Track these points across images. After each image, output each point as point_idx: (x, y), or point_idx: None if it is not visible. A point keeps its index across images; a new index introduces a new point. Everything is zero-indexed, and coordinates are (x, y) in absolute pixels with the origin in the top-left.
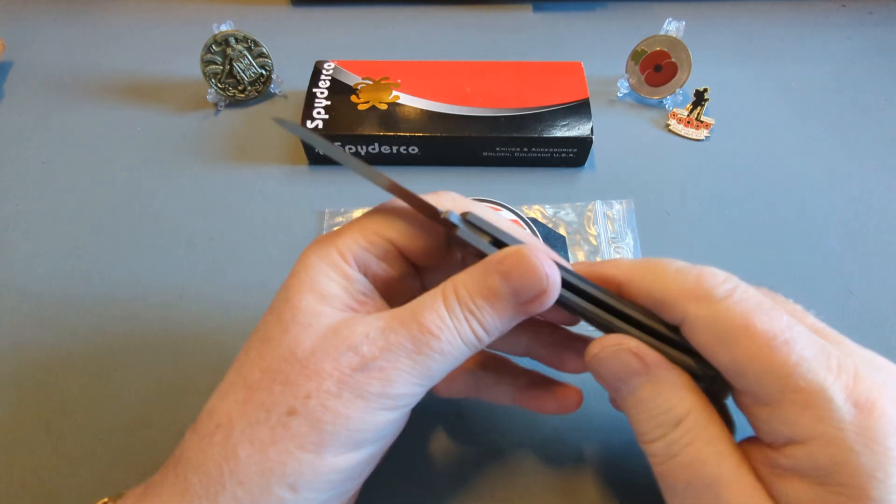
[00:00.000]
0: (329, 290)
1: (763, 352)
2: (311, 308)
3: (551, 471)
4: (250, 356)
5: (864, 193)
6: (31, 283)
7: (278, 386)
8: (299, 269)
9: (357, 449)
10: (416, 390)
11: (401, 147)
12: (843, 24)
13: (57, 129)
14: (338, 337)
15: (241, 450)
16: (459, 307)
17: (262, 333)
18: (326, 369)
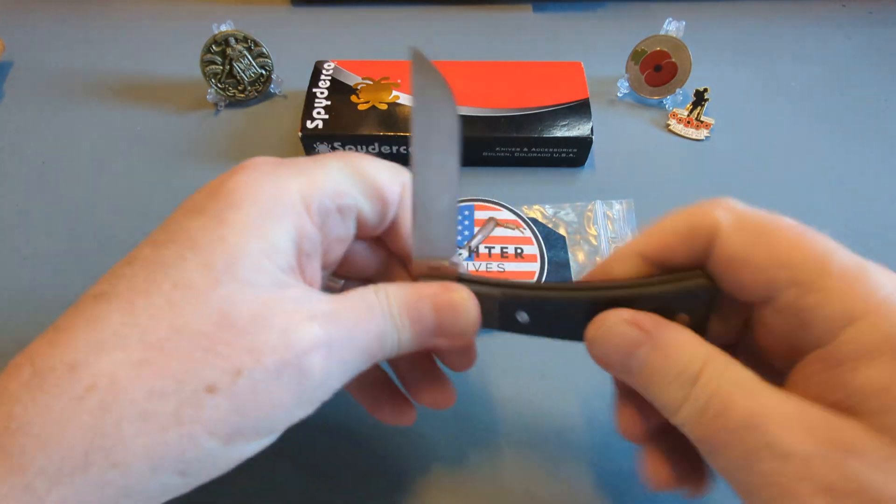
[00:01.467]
0: (278, 243)
1: (802, 240)
2: (254, 259)
3: (551, 472)
4: (154, 301)
5: (864, 193)
6: (30, 284)
7: (199, 353)
8: (243, 200)
9: (266, 437)
10: (339, 384)
11: (401, 147)
12: (844, 24)
13: (57, 129)
14: (280, 307)
15: (126, 425)
16: (393, 317)
17: (173, 274)
18: (271, 342)
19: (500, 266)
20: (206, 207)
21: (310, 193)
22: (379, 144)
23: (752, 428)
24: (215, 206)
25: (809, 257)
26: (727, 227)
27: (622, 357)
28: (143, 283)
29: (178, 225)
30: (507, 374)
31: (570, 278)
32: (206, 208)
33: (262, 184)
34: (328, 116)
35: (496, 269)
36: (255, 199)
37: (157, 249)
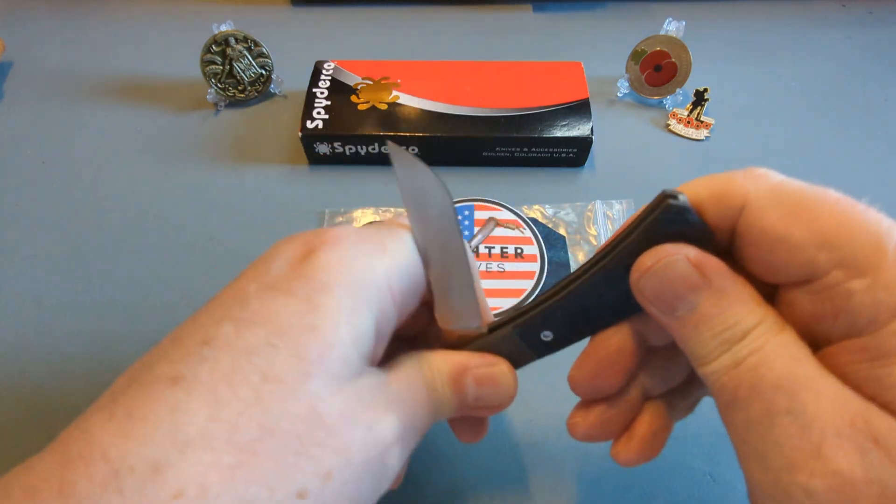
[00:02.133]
0: (363, 331)
1: (852, 216)
2: (346, 353)
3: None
4: (241, 395)
5: (864, 193)
6: (30, 284)
7: (291, 456)
8: (335, 282)
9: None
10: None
11: (401, 147)
12: (844, 24)
13: (57, 129)
14: (368, 400)
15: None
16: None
17: (262, 365)
18: (358, 440)
19: (500, 266)
20: (294, 288)
21: (395, 275)
22: (379, 144)
23: (782, 389)
24: (304, 286)
25: (860, 237)
26: (759, 199)
27: (673, 298)
28: (228, 372)
29: (261, 304)
30: None
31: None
32: (294, 289)
33: (352, 264)
34: (328, 116)
35: (496, 269)
36: (346, 283)
37: (239, 330)
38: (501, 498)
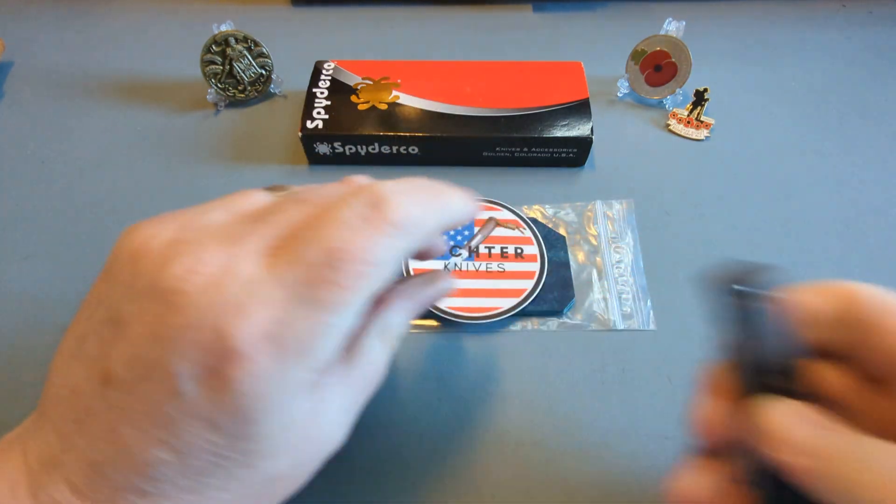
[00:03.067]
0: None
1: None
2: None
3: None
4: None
5: (864, 193)
6: (30, 284)
7: (264, 501)
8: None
9: None
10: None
11: (401, 147)
12: (844, 24)
13: (57, 129)
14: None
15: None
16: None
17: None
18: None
19: (500, 266)
20: (218, 421)
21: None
22: (379, 144)
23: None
24: (229, 421)
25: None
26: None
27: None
28: (189, 487)
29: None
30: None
31: (570, 278)
32: (218, 422)
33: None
34: (328, 116)
35: (496, 269)
36: (270, 410)
37: (181, 458)
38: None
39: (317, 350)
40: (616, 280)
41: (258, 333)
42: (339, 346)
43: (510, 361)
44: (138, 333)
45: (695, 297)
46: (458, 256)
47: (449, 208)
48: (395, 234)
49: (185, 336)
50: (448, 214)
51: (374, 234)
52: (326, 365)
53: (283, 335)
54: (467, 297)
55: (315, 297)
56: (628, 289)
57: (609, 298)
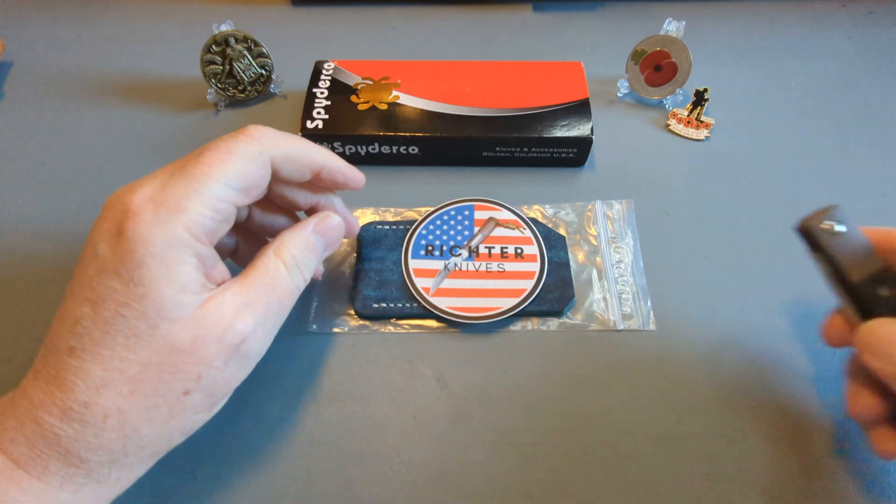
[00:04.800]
0: (186, 279)
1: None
2: (174, 301)
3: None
4: (116, 351)
5: (864, 193)
6: (30, 284)
7: (167, 375)
8: (145, 258)
9: (234, 388)
10: (273, 336)
11: (401, 147)
12: (844, 24)
13: (57, 129)
14: (210, 321)
15: (142, 429)
16: (297, 268)
17: (121, 328)
18: (212, 351)
19: (500, 266)
20: (119, 269)
21: (194, 227)
22: (379, 144)
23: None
24: (125, 267)
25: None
26: None
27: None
28: (100, 339)
29: (102, 285)
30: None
31: (570, 278)
32: (119, 270)
33: (152, 237)
34: (328, 116)
35: (496, 269)
36: (154, 255)
37: (95, 308)
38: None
39: (189, 210)
40: (616, 280)
41: (144, 197)
42: (210, 218)
43: (510, 361)
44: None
45: (695, 297)
46: (458, 256)
47: (302, 144)
48: (248, 140)
49: (102, 213)
50: (299, 146)
51: (231, 137)
52: (203, 231)
53: (162, 196)
54: (467, 297)
55: (185, 171)
56: (628, 289)
57: (609, 298)
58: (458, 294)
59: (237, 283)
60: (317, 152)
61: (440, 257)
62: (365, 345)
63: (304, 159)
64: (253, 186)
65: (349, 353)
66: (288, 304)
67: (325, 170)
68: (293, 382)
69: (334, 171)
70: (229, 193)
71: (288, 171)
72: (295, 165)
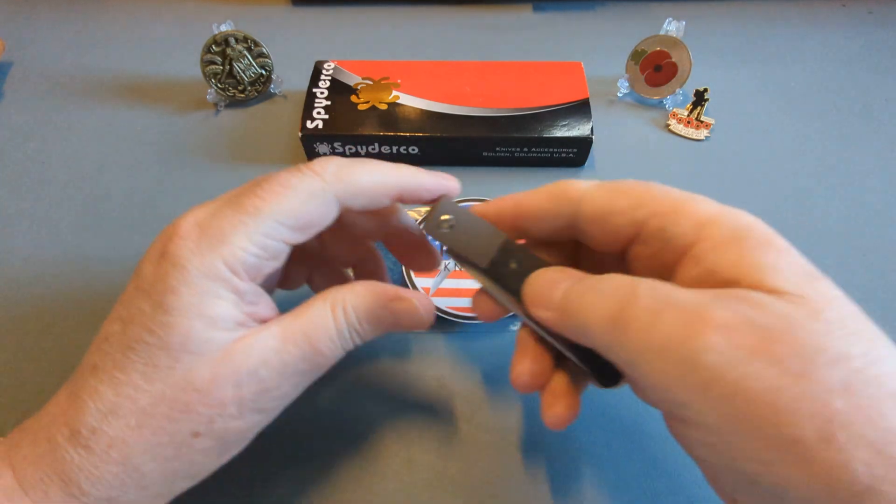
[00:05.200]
0: (219, 313)
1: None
2: (202, 336)
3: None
4: (132, 377)
5: (864, 193)
6: (30, 284)
7: (177, 414)
8: (179, 285)
9: (249, 440)
10: (300, 392)
11: (401, 147)
12: (844, 24)
13: (57, 129)
14: (234, 363)
15: (143, 466)
16: (347, 328)
17: (141, 354)
18: (229, 396)
19: None
20: (150, 290)
21: (234, 261)
22: (379, 144)
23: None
24: (157, 288)
25: (658, 196)
26: (590, 190)
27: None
28: (120, 361)
29: (135, 306)
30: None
31: None
32: (150, 291)
33: (190, 265)
34: (328, 116)
35: None
36: (188, 283)
37: (124, 328)
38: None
39: (233, 243)
40: None
41: (193, 222)
42: (254, 255)
43: (510, 361)
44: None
45: None
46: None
47: (374, 171)
48: (312, 175)
49: (158, 237)
50: (371, 175)
51: (293, 171)
52: (245, 268)
53: (208, 223)
54: (467, 297)
55: (238, 202)
56: None
57: None
58: (459, 294)
59: (278, 325)
60: (393, 175)
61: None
62: (364, 345)
63: (378, 189)
64: (310, 225)
65: (348, 353)
66: (326, 364)
67: (405, 192)
68: None
69: (417, 191)
70: (280, 231)
71: (360, 203)
72: (367, 198)
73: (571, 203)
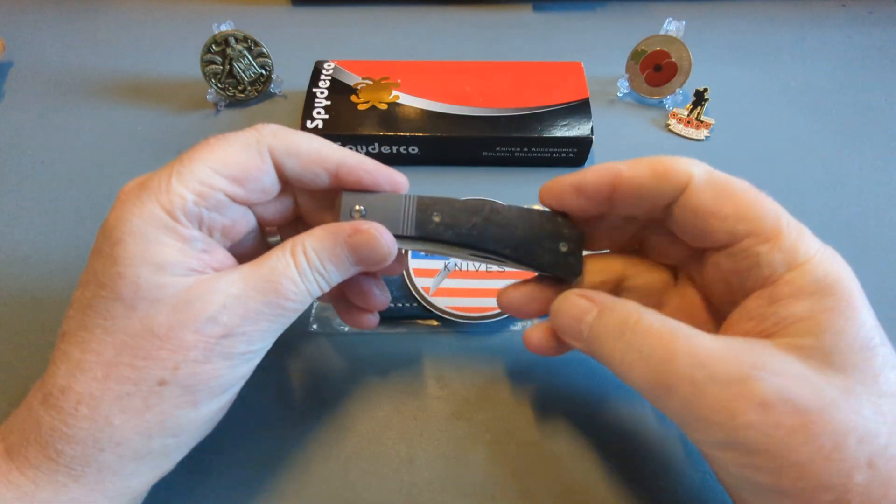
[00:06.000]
0: (166, 258)
1: (759, 199)
2: (152, 281)
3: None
4: (95, 333)
5: (864, 193)
6: (30, 285)
7: (140, 361)
8: (123, 235)
9: (227, 392)
10: (273, 339)
11: (401, 147)
12: (844, 24)
13: (57, 129)
14: (193, 308)
15: (114, 419)
16: (310, 270)
17: (99, 310)
18: (190, 341)
19: (500, 265)
20: (101, 248)
21: (173, 207)
22: (379, 144)
23: (669, 361)
24: (105, 245)
25: (765, 214)
26: (699, 181)
27: (574, 322)
28: (82, 321)
29: (89, 266)
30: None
31: None
32: (101, 249)
33: (132, 215)
34: (328, 116)
35: (496, 269)
36: (131, 231)
37: (82, 291)
38: None
39: (168, 191)
40: None
41: (134, 183)
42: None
43: (510, 361)
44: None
45: None
46: None
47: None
48: (246, 131)
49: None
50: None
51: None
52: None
53: (147, 179)
54: (467, 297)
55: (178, 160)
56: None
57: None
58: (459, 294)
59: (238, 272)
60: (330, 149)
61: (440, 257)
62: (365, 345)
63: (312, 155)
64: (246, 177)
65: (349, 353)
66: (293, 307)
67: (342, 168)
68: (293, 382)
69: (356, 170)
70: (215, 179)
71: (293, 167)
72: (300, 161)
73: (676, 187)
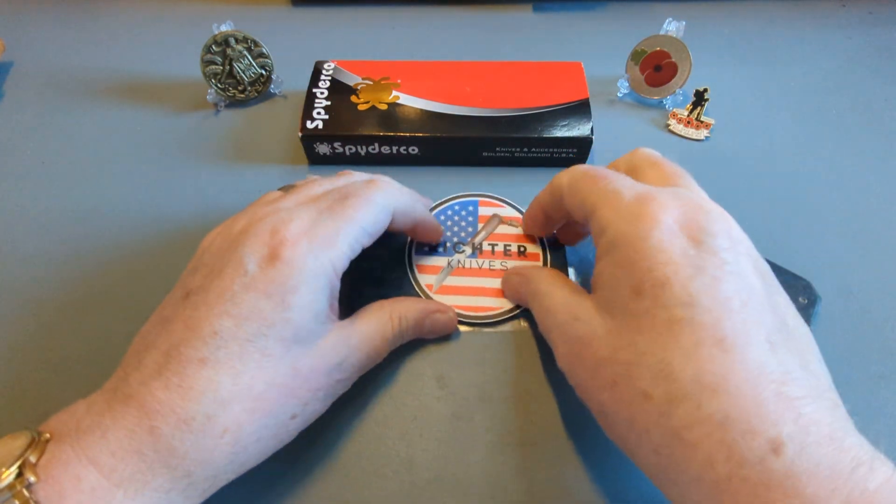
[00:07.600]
0: (322, 308)
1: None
2: (310, 329)
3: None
4: (248, 367)
5: (864, 193)
6: (30, 285)
7: (284, 398)
8: (299, 285)
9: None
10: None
11: (401, 147)
12: (843, 24)
13: (57, 129)
14: (328, 355)
15: (250, 447)
16: (400, 337)
17: (259, 346)
18: (322, 383)
19: (503, 264)
20: (269, 291)
21: (338, 263)
22: (379, 144)
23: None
24: (278, 288)
25: (588, 196)
26: (566, 186)
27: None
28: (238, 354)
29: (248, 303)
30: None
31: (570, 278)
32: (270, 291)
33: (307, 266)
34: (328, 116)
35: (499, 267)
36: (305, 283)
37: (238, 324)
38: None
39: (336, 246)
40: None
41: (300, 230)
42: (348, 257)
43: (511, 361)
44: (212, 254)
45: None
46: (462, 253)
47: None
48: (383, 192)
49: (250, 237)
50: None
51: (371, 185)
52: (341, 268)
53: (314, 232)
54: (469, 296)
55: (334, 212)
56: None
57: None
58: (462, 292)
59: (354, 328)
60: (420, 209)
61: (443, 253)
62: None
63: (412, 213)
64: (380, 232)
65: None
66: (376, 361)
67: (419, 225)
68: None
69: (427, 230)
70: (363, 237)
71: (399, 222)
72: (405, 219)
73: (557, 192)
